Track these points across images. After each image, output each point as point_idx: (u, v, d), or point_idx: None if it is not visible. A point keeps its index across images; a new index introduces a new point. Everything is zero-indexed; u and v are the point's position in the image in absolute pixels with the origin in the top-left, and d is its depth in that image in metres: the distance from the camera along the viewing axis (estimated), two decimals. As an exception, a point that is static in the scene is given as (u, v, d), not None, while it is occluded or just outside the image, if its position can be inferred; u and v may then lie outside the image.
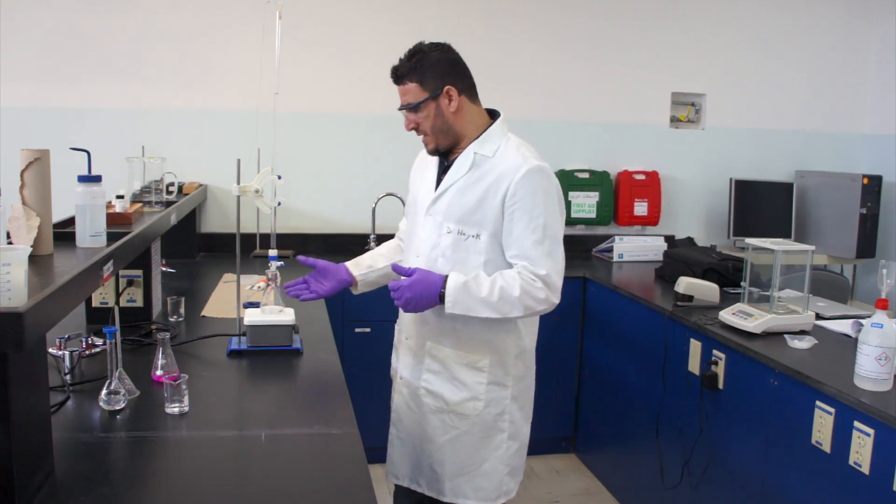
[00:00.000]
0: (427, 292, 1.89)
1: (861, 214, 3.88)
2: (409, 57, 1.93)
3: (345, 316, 3.34)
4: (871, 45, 4.36)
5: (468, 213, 1.94)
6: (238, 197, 2.11)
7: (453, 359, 2.01)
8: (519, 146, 1.97)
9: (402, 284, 1.91)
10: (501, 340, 2.01)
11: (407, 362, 2.11)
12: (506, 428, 2.05)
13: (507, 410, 2.04)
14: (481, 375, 2.00)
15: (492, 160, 1.95)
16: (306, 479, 1.47)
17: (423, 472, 2.10)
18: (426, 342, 2.05)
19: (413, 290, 1.89)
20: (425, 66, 1.91)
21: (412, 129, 1.99)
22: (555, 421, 3.65)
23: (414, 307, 1.92)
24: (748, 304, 2.56)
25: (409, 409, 2.10)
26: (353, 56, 3.76)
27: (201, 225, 3.72)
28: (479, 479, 2.04)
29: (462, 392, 2.01)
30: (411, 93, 1.93)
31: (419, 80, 1.91)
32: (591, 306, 3.56)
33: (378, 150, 3.82)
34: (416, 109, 1.94)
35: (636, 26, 4.06)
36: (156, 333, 2.25)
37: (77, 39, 3.50)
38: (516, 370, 2.05)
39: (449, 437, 2.04)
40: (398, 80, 1.95)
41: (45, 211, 1.54)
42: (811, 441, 2.07)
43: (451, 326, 1.99)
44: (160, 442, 1.61)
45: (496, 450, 2.05)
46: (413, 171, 2.19)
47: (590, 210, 4.03)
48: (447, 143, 1.98)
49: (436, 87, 1.92)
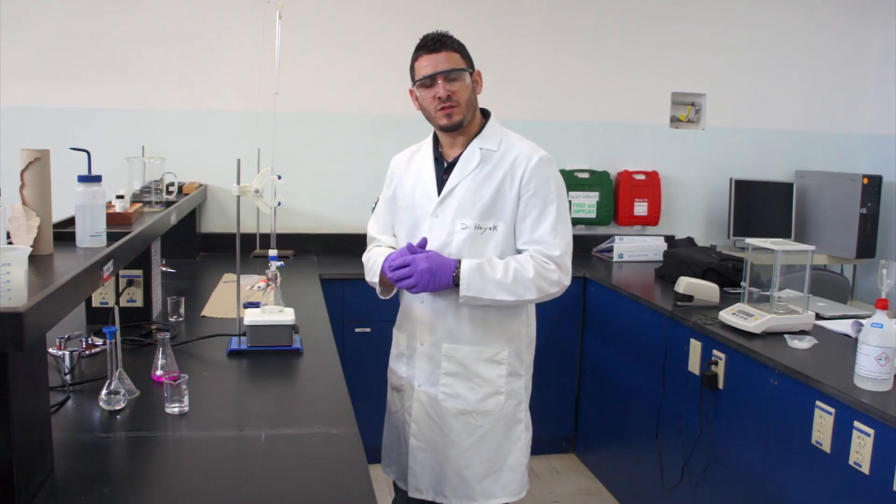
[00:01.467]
0: (441, 269, 1.89)
1: (861, 214, 3.87)
2: (446, 34, 1.98)
3: (345, 316, 3.34)
4: (871, 45, 4.36)
5: (486, 206, 1.97)
6: (238, 197, 2.11)
7: (472, 356, 2.02)
8: (521, 138, 2.05)
9: (417, 258, 1.89)
10: (516, 329, 2.05)
11: (423, 369, 2.07)
12: (522, 418, 2.09)
13: (523, 400, 2.09)
14: (500, 368, 2.03)
15: (497, 153, 2.00)
16: (306, 479, 1.47)
17: (448, 481, 2.05)
18: (442, 344, 2.03)
19: (430, 261, 1.89)
20: (463, 46, 1.99)
21: (446, 95, 1.92)
22: (555, 421, 3.65)
23: (426, 283, 1.88)
24: (748, 304, 2.56)
25: (430, 416, 2.06)
26: (353, 56, 3.76)
27: (201, 225, 3.72)
28: (506, 474, 2.06)
29: (483, 389, 2.02)
30: (454, 61, 1.95)
31: (460, 52, 1.97)
32: (591, 306, 3.56)
33: (378, 150, 3.80)
34: (458, 76, 1.94)
35: (636, 26, 4.06)
36: (156, 333, 2.25)
37: (77, 39, 3.50)
38: (528, 357, 2.11)
39: (474, 438, 2.03)
40: (443, 46, 1.94)
41: (45, 211, 1.54)
42: (811, 441, 2.07)
43: (467, 324, 2.00)
44: (160, 442, 1.61)
45: (517, 441, 2.08)
46: (393, 171, 2.16)
47: (590, 210, 4.03)
48: (469, 120, 1.99)
49: (471, 65, 2.00)
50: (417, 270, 1.88)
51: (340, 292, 3.31)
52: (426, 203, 2.03)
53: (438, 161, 2.06)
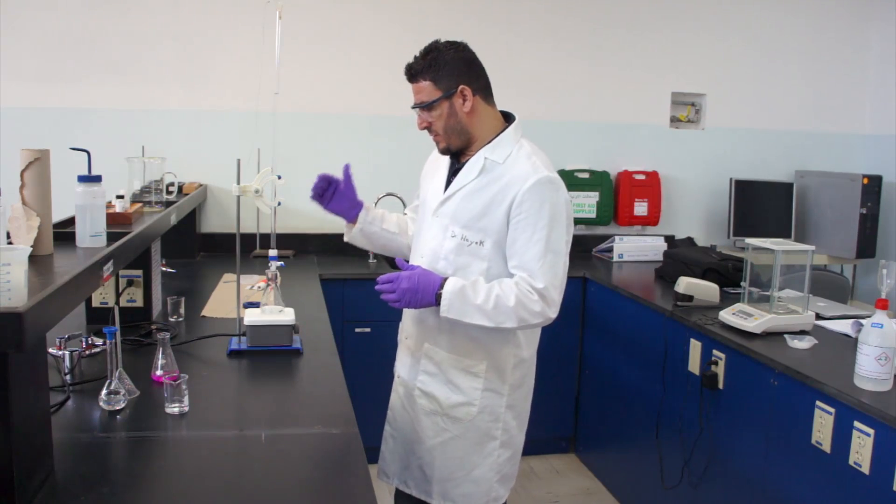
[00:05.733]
0: (424, 288, 1.87)
1: (861, 214, 3.87)
2: (423, 55, 1.91)
3: (345, 316, 3.34)
4: (871, 45, 4.36)
5: (473, 219, 1.92)
6: (238, 197, 2.11)
7: (449, 362, 2.00)
8: (531, 154, 1.93)
9: (401, 275, 1.89)
10: (499, 349, 1.98)
11: (405, 362, 2.10)
12: (499, 436, 2.03)
13: (502, 419, 2.02)
14: (477, 381, 1.98)
15: (501, 166, 1.91)
16: (306, 479, 1.47)
17: (412, 472, 2.09)
18: (424, 343, 2.04)
19: (411, 281, 1.87)
20: (440, 65, 1.89)
21: (425, 128, 1.96)
22: (555, 421, 3.65)
23: (408, 301, 1.88)
24: (748, 304, 2.56)
25: (404, 408, 2.10)
26: (354, 56, 3.76)
27: (201, 225, 3.71)
28: (467, 485, 2.02)
29: (456, 396, 1.99)
30: (425, 91, 1.90)
31: (433, 79, 1.89)
32: (591, 306, 3.56)
33: (378, 150, 3.82)
34: (429, 108, 1.91)
35: (636, 26, 4.06)
36: (156, 333, 2.25)
37: (77, 39, 3.50)
38: (513, 379, 2.02)
39: (440, 439, 2.02)
40: (412, 78, 1.92)
41: (45, 211, 1.54)
42: (811, 441, 2.07)
43: (448, 329, 1.97)
44: (160, 442, 1.61)
45: (487, 457, 2.03)
46: (425, 169, 2.17)
47: (590, 210, 4.03)
48: (459, 144, 1.95)
49: (450, 86, 1.89)
50: (399, 289, 1.88)
51: (340, 292, 3.31)
52: (433, 201, 2.03)
53: (455, 162, 2.03)
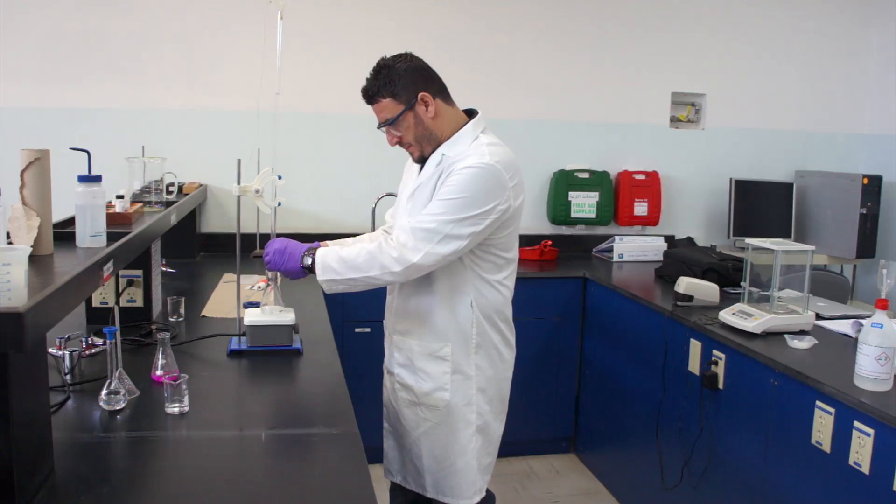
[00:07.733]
0: (293, 250, 1.95)
1: (861, 214, 3.87)
2: (375, 74, 1.94)
3: (345, 316, 3.34)
4: (871, 45, 4.36)
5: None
6: (238, 197, 2.12)
7: (417, 350, 2.04)
8: (487, 145, 1.92)
9: (277, 239, 1.99)
10: (457, 327, 2.00)
11: (387, 356, 2.16)
12: (473, 420, 2.05)
13: (474, 402, 2.05)
14: (444, 364, 2.01)
15: (454, 161, 1.92)
16: (306, 479, 1.47)
17: (408, 468, 2.14)
18: (394, 336, 2.09)
19: (282, 243, 1.97)
20: (395, 79, 1.91)
21: (396, 144, 2.00)
22: (555, 421, 3.65)
23: (276, 262, 1.96)
24: (748, 304, 2.56)
25: (391, 402, 2.16)
26: (354, 56, 3.74)
27: (201, 225, 3.72)
28: (453, 477, 2.06)
29: (427, 383, 2.03)
30: (387, 108, 1.93)
31: (392, 94, 1.92)
32: (591, 306, 3.56)
33: (378, 150, 3.80)
34: (395, 124, 1.94)
35: (636, 26, 4.06)
36: (156, 333, 2.25)
37: (77, 39, 3.50)
38: (478, 359, 2.03)
39: (422, 429, 2.06)
40: (370, 100, 1.96)
41: (45, 211, 1.54)
42: (811, 441, 2.07)
43: (414, 316, 2.02)
44: (160, 442, 1.61)
45: (466, 444, 2.05)
46: (403, 176, 2.21)
47: (590, 210, 4.03)
48: (431, 149, 1.98)
49: (410, 97, 1.92)
50: (271, 249, 1.98)
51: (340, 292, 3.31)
52: (404, 203, 2.07)
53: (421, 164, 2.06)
